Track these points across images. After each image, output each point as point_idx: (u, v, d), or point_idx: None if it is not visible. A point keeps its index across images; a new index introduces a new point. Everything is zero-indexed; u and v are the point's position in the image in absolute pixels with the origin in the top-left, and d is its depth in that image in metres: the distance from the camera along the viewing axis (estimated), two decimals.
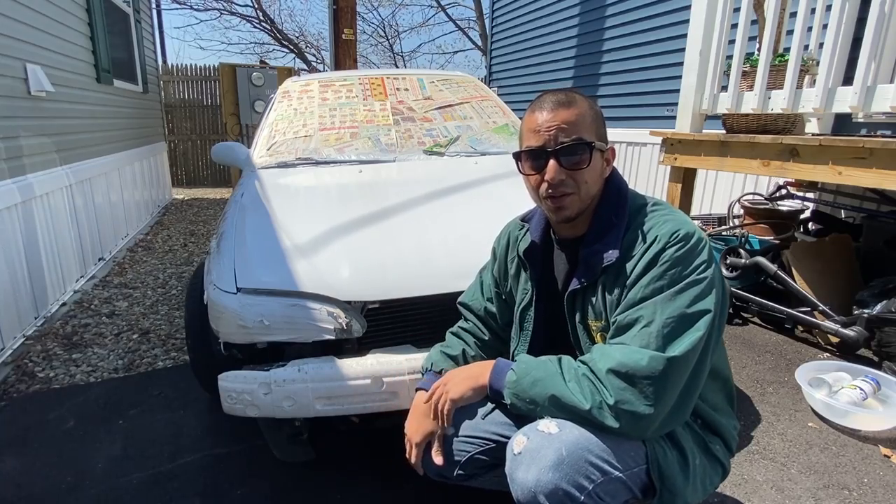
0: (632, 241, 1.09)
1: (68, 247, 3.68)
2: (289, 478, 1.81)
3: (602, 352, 1.04)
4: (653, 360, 0.97)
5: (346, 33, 6.08)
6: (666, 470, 1.04)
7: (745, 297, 2.93)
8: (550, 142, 1.09)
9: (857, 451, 1.92)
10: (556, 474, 0.96)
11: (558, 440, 0.99)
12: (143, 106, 6.41)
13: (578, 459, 0.97)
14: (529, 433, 1.03)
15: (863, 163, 2.07)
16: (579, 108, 1.10)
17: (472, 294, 1.45)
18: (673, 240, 1.04)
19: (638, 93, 5.15)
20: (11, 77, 3.05)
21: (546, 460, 0.97)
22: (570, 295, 1.16)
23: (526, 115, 1.16)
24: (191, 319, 2.00)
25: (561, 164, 1.09)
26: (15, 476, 1.84)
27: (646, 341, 0.99)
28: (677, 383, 0.99)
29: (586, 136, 1.09)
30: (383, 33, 17.13)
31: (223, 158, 2.71)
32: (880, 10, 2.02)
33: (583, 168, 1.09)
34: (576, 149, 1.09)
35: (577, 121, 1.09)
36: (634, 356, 0.98)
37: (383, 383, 1.54)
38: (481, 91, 3.13)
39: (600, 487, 0.98)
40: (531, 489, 0.98)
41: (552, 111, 1.10)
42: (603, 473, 0.98)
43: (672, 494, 1.05)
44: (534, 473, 0.98)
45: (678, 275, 1.02)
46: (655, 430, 1.01)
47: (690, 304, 1.00)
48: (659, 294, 1.01)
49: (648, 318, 1.00)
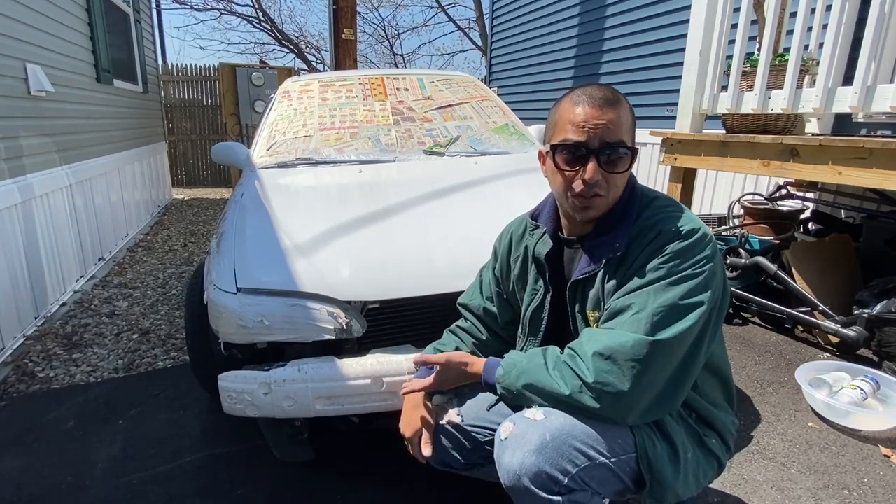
0: (637, 234, 1.09)
1: (68, 247, 3.68)
2: (289, 478, 1.81)
3: (590, 336, 1.05)
4: (637, 343, 0.98)
5: (346, 33, 6.08)
6: (655, 462, 1.05)
7: (745, 297, 2.93)
8: (594, 140, 1.06)
9: (857, 451, 1.92)
10: (539, 457, 0.98)
11: (542, 426, 1.01)
12: (143, 106, 6.41)
13: (562, 444, 0.99)
14: (516, 420, 1.06)
15: (863, 163, 2.07)
16: (624, 109, 1.08)
17: (471, 294, 1.45)
18: (676, 234, 1.04)
19: (638, 93, 5.15)
20: (11, 77, 3.05)
21: (530, 444, 1.00)
22: (572, 285, 1.17)
23: (565, 106, 1.10)
24: (191, 319, 2.00)
25: (601, 165, 1.07)
26: (15, 476, 1.84)
27: (634, 327, 1.00)
28: (662, 367, 1.00)
29: (627, 140, 1.08)
30: (383, 33, 17.15)
31: (223, 158, 2.70)
32: (880, 10, 2.02)
33: (620, 172, 1.08)
34: (619, 152, 1.07)
35: (621, 122, 1.07)
36: (620, 339, 0.99)
37: (383, 383, 1.54)
38: (481, 91, 3.13)
39: (584, 472, 1.00)
40: (516, 472, 1.00)
41: (600, 108, 1.05)
42: (588, 458, 1.00)
43: (662, 487, 1.06)
44: (518, 457, 1.00)
45: (676, 267, 1.02)
46: (640, 415, 1.02)
47: (684, 297, 1.01)
48: (654, 283, 1.02)
49: (640, 306, 1.01)
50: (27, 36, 3.27)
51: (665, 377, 1.01)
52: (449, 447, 1.28)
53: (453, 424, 1.27)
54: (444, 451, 1.28)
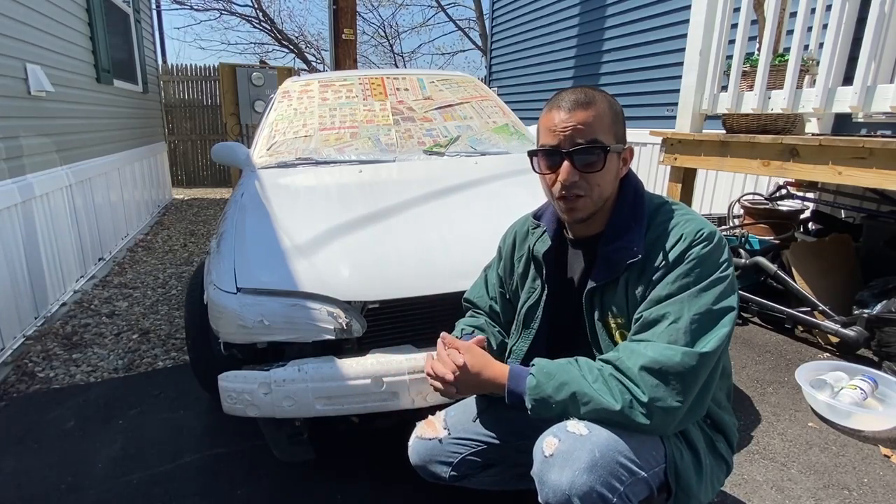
0: (655, 239, 1.08)
1: (68, 247, 3.68)
2: (289, 478, 1.81)
3: (630, 350, 1.03)
4: (686, 355, 0.97)
5: (346, 33, 6.08)
6: (683, 471, 1.05)
7: (745, 297, 2.93)
8: (566, 142, 1.08)
9: (857, 451, 1.92)
10: (591, 476, 0.96)
11: (590, 442, 0.98)
12: (143, 106, 6.41)
13: (610, 461, 0.97)
14: (560, 434, 1.02)
15: (863, 163, 2.07)
16: (597, 109, 1.08)
17: (477, 291, 1.45)
18: (698, 238, 1.04)
19: (638, 93, 5.15)
20: (11, 77, 3.05)
21: (580, 462, 0.97)
22: (588, 292, 1.15)
23: (543, 112, 1.14)
24: (191, 319, 2.00)
25: (575, 166, 1.08)
26: (15, 476, 1.84)
27: (674, 337, 0.99)
28: (703, 378, 1.00)
29: (602, 138, 1.08)
30: (384, 34, 17.15)
31: (223, 158, 2.70)
32: (880, 10, 2.02)
33: (597, 171, 1.08)
34: (591, 151, 1.07)
35: (593, 122, 1.07)
36: (667, 353, 0.98)
37: (383, 383, 1.54)
38: (481, 91, 3.13)
39: (629, 488, 0.98)
40: (565, 492, 0.96)
41: (570, 111, 1.08)
42: (631, 474, 0.98)
43: (687, 496, 1.06)
44: (568, 476, 0.97)
45: (704, 272, 1.02)
46: (677, 426, 1.02)
47: (716, 301, 1.01)
48: (685, 291, 1.02)
49: (676, 315, 1.00)
50: (27, 36, 3.27)
51: (700, 386, 1.01)
52: (437, 461, 1.29)
53: (440, 439, 1.28)
54: (433, 465, 1.29)
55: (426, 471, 1.31)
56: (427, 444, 1.30)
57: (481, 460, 1.27)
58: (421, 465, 1.32)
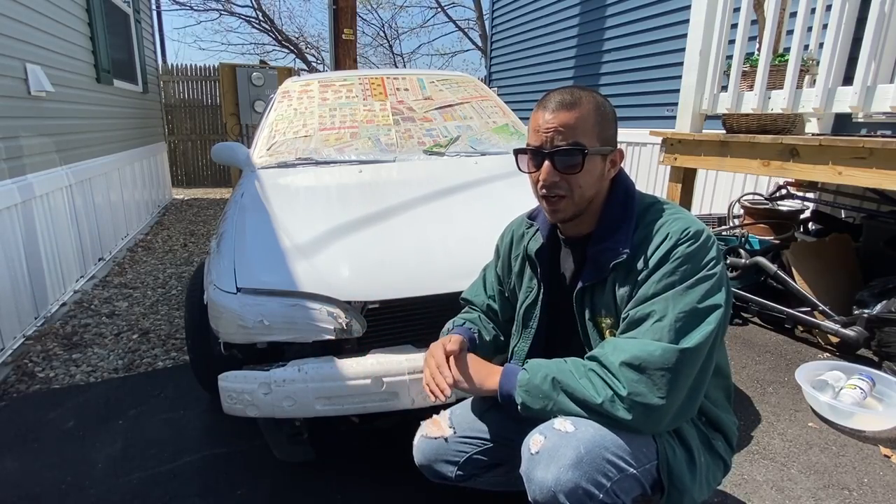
0: (642, 239, 1.09)
1: (68, 247, 3.68)
2: (289, 478, 1.81)
3: (614, 346, 1.04)
4: (666, 351, 0.97)
5: (346, 33, 6.08)
6: (675, 469, 1.05)
7: (745, 297, 2.93)
8: (547, 143, 1.10)
9: (857, 451, 1.92)
10: (576, 473, 0.96)
11: (575, 438, 0.99)
12: (143, 106, 6.41)
13: (596, 457, 0.97)
14: (546, 432, 1.02)
15: (863, 163, 2.07)
16: (581, 111, 1.09)
17: (475, 290, 1.46)
18: (684, 237, 1.05)
19: (638, 93, 5.15)
20: (11, 77, 3.05)
21: (565, 459, 0.97)
22: (579, 292, 1.16)
23: (532, 112, 1.16)
24: (191, 319, 2.00)
25: (555, 167, 1.09)
26: (15, 476, 1.84)
27: (658, 335, 0.99)
28: (689, 375, 1.00)
29: (584, 140, 1.08)
30: (384, 34, 17.15)
31: (223, 158, 2.70)
32: (880, 10, 2.02)
33: (576, 172, 1.09)
34: (570, 153, 1.08)
35: (576, 124, 1.08)
36: (648, 348, 0.98)
37: (383, 383, 1.54)
38: (481, 91, 3.13)
39: (617, 485, 0.98)
40: (550, 488, 0.97)
41: (553, 112, 1.09)
42: (619, 470, 0.98)
43: (680, 493, 1.06)
44: (553, 472, 0.97)
45: (689, 270, 1.03)
46: (667, 424, 1.02)
47: (702, 300, 1.01)
48: (671, 289, 1.02)
49: (661, 313, 1.01)
50: (27, 36, 3.27)
51: (689, 384, 1.01)
52: (443, 460, 1.28)
53: (446, 438, 1.27)
54: (439, 465, 1.29)
55: (432, 471, 1.31)
56: (433, 443, 1.30)
57: (487, 459, 1.26)
58: (427, 464, 1.32)
